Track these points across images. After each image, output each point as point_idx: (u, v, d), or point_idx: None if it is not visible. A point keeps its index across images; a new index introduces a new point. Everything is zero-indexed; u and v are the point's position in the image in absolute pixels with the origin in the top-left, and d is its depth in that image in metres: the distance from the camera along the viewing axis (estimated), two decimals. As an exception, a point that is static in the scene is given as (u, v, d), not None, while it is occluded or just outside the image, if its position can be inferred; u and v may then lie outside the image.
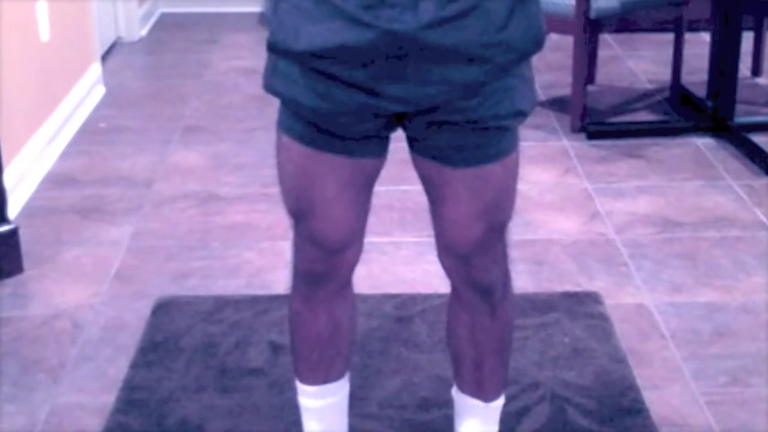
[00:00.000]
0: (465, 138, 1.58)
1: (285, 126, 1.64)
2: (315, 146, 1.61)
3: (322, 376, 1.87)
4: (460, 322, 1.83)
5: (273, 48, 1.56)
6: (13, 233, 2.80)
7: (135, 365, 2.38)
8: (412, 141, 1.65)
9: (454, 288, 1.81)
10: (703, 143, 3.71)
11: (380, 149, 1.66)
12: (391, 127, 1.62)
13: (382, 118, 1.58)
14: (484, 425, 1.91)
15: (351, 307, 1.87)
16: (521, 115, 1.61)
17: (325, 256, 1.72)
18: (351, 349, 1.90)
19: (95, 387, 2.32)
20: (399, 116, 1.60)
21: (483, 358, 1.84)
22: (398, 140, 1.66)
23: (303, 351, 1.86)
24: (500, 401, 1.91)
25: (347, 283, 1.82)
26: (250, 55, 4.75)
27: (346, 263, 1.76)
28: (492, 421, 1.92)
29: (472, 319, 1.80)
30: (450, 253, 1.73)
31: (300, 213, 1.70)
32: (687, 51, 4.11)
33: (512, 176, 1.68)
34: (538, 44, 1.56)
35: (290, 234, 1.76)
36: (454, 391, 1.94)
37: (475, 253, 1.70)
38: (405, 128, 1.63)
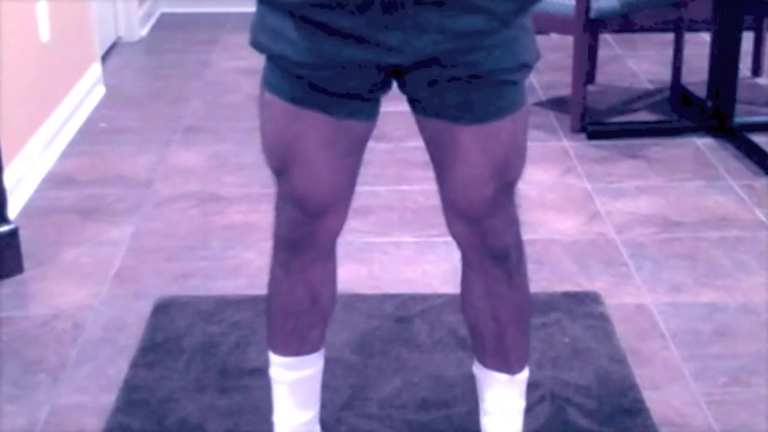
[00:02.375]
0: (472, 93, 1.55)
1: (269, 83, 1.61)
2: (299, 103, 1.58)
3: (295, 347, 1.84)
4: (477, 294, 1.78)
5: None
6: (13, 233, 2.80)
7: (135, 365, 2.38)
8: (415, 102, 1.61)
9: (466, 259, 1.76)
10: (703, 143, 3.71)
11: (368, 112, 1.62)
12: (383, 86, 1.58)
13: (375, 74, 1.55)
14: (513, 399, 1.87)
15: (330, 280, 1.83)
16: (526, 67, 1.58)
17: (304, 219, 1.69)
18: (326, 323, 1.86)
19: (95, 387, 2.32)
20: (396, 73, 1.56)
21: (504, 329, 1.79)
22: (398, 140, 1.66)
23: (277, 320, 1.83)
24: (526, 373, 1.87)
25: (328, 254, 1.78)
26: (250, 55, 4.71)
27: (326, 230, 1.72)
28: (520, 394, 1.87)
29: (489, 288, 1.76)
30: (461, 218, 1.68)
31: (281, 170, 1.66)
32: (687, 51, 4.11)
33: (522, 131, 1.64)
34: None
35: (275, 196, 1.74)
36: (476, 368, 1.88)
37: (487, 215, 1.66)
38: (404, 88, 1.59)
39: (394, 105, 1.78)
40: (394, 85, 1.62)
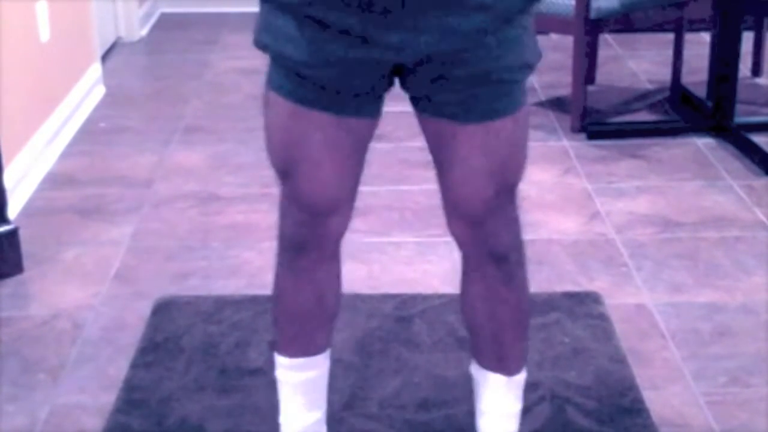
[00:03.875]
0: (473, 92, 1.55)
1: (274, 83, 1.61)
2: (303, 103, 1.58)
3: (301, 348, 1.84)
4: (476, 295, 1.78)
5: None
6: (13, 233, 2.80)
7: (135, 365, 2.38)
8: (417, 100, 1.61)
9: (466, 259, 1.76)
10: (703, 143, 3.71)
11: (372, 110, 1.62)
12: (386, 84, 1.58)
13: (377, 72, 1.55)
14: (509, 401, 1.86)
15: (335, 280, 1.83)
16: (528, 67, 1.58)
17: (310, 220, 1.69)
18: (332, 323, 1.86)
19: (95, 387, 2.32)
20: (398, 71, 1.56)
21: (502, 330, 1.79)
22: (398, 140, 1.66)
23: (283, 321, 1.83)
24: (523, 375, 1.86)
25: (333, 255, 1.78)
26: (250, 55, 4.72)
27: (331, 231, 1.72)
28: (516, 396, 1.87)
29: (488, 289, 1.75)
30: (462, 219, 1.68)
31: (286, 171, 1.66)
32: (687, 51, 4.11)
33: (523, 131, 1.64)
34: None
35: (279, 196, 1.74)
36: (474, 368, 1.88)
37: (488, 215, 1.66)
38: (406, 86, 1.59)
39: (395, 105, 1.78)
40: (396, 84, 1.62)
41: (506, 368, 1.84)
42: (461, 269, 1.81)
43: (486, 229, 1.68)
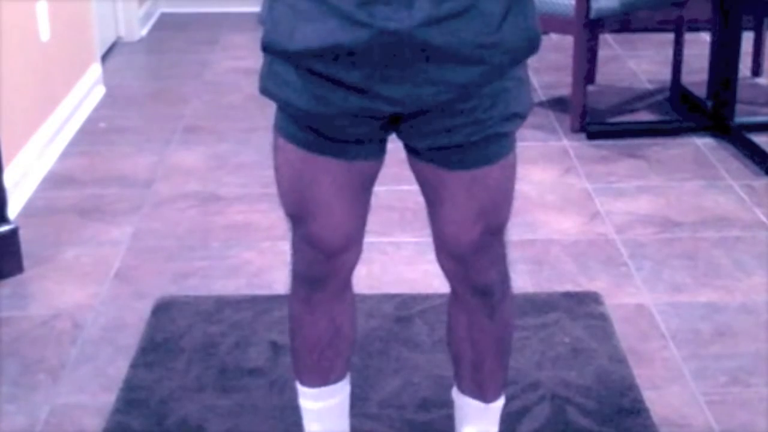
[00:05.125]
0: (463, 142, 1.58)
1: (281, 128, 1.64)
2: (311, 149, 1.61)
3: (322, 378, 1.87)
4: (460, 323, 1.83)
5: (268, 48, 1.56)
6: (13, 233, 2.80)
7: (135, 365, 2.38)
8: (409, 145, 1.65)
9: (453, 289, 1.81)
10: (703, 143, 3.71)
11: (377, 152, 1.66)
12: (387, 129, 1.62)
13: (377, 121, 1.58)
14: (485, 426, 1.91)
15: (351, 309, 1.86)
16: (517, 117, 1.61)
17: (323, 258, 1.72)
18: (351, 350, 1.90)
19: (95, 387, 2.32)
20: (395, 119, 1.59)
21: (482, 358, 1.84)
22: (398, 140, 1.66)
23: (302, 353, 1.86)
24: (500, 402, 1.91)
25: (346, 285, 1.82)
26: (250, 55, 4.74)
27: (344, 266, 1.75)
28: (492, 422, 1.92)
29: (471, 320, 1.80)
30: (448, 255, 1.73)
31: (297, 216, 1.69)
32: (687, 51, 4.11)
33: (509, 178, 1.68)
34: (532, 46, 1.56)
35: (290, 234, 1.76)
36: (455, 393, 1.93)
37: (472, 254, 1.70)
38: (400, 132, 1.62)
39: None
40: None
41: (484, 395, 1.89)
42: (448, 299, 1.86)
43: (471, 266, 1.72)
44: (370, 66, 1.48)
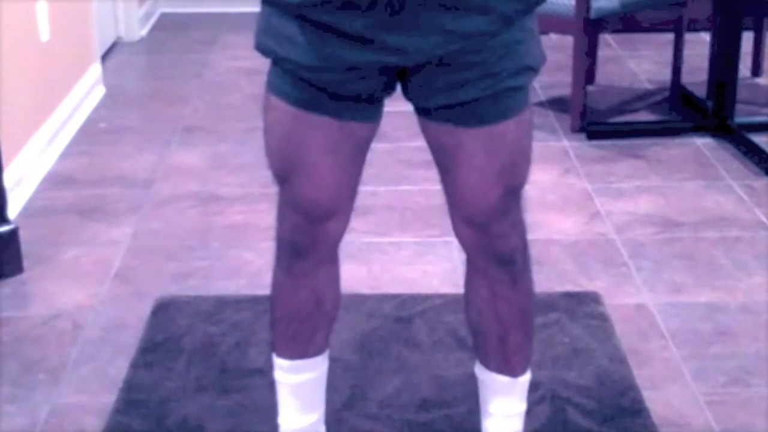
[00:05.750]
0: (476, 96, 1.54)
1: (274, 86, 1.61)
2: (304, 107, 1.58)
3: (299, 350, 1.84)
4: (481, 296, 1.78)
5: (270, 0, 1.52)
6: (13, 233, 2.80)
7: (135, 365, 2.38)
8: (419, 105, 1.61)
9: (471, 261, 1.76)
10: (703, 143, 3.71)
11: (372, 113, 1.62)
12: (388, 88, 1.58)
13: (380, 76, 1.55)
14: (514, 402, 1.87)
15: (334, 283, 1.83)
16: (530, 70, 1.58)
17: (307, 224, 1.69)
18: (330, 326, 1.86)
19: (95, 387, 2.32)
20: (401, 76, 1.56)
21: (507, 332, 1.79)
22: (398, 140, 1.66)
23: (281, 323, 1.83)
24: (527, 376, 1.87)
25: (331, 258, 1.78)
26: (250, 55, 4.70)
27: (329, 235, 1.72)
28: (521, 397, 1.87)
29: (493, 291, 1.75)
30: (467, 223, 1.68)
31: (284, 175, 1.66)
32: (687, 51, 4.11)
33: (527, 134, 1.64)
34: None
35: (277, 199, 1.74)
36: (478, 369, 1.88)
37: (493, 219, 1.66)
38: (408, 92, 1.58)
39: (395, 105, 1.77)
40: (398, 87, 1.62)
41: (512, 370, 1.84)
42: (465, 271, 1.81)
43: (491, 232, 1.68)
44: (374, 14, 1.45)
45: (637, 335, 2.50)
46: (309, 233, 1.70)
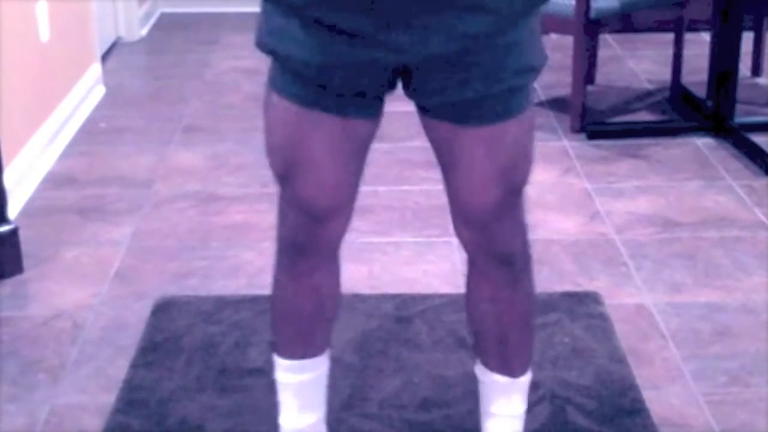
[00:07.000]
0: (478, 96, 1.54)
1: (276, 84, 1.60)
2: (306, 105, 1.57)
3: (300, 350, 1.84)
4: (482, 297, 1.78)
5: None
6: (13, 233, 2.80)
7: (135, 365, 2.38)
8: (421, 103, 1.60)
9: (472, 261, 1.76)
10: (703, 143, 3.71)
11: (374, 111, 1.62)
12: (389, 85, 1.58)
13: (382, 74, 1.54)
14: (514, 402, 1.87)
15: (334, 283, 1.83)
16: (533, 70, 1.57)
17: (309, 223, 1.68)
18: (331, 326, 1.86)
19: (95, 387, 2.32)
20: (403, 75, 1.56)
21: (508, 332, 1.79)
22: (398, 140, 1.66)
23: (282, 323, 1.83)
24: (528, 376, 1.87)
25: (332, 257, 1.78)
26: (250, 55, 4.71)
27: (330, 234, 1.71)
28: (521, 398, 1.88)
29: (494, 292, 1.75)
30: (468, 223, 1.68)
31: (286, 174, 1.65)
32: (687, 51, 4.11)
33: (528, 134, 1.64)
34: None
35: (278, 199, 1.73)
36: (478, 369, 1.88)
37: (494, 219, 1.66)
38: (410, 90, 1.58)
39: (395, 105, 1.78)
40: (398, 86, 1.61)
41: (512, 370, 1.84)
42: (467, 271, 1.81)
43: (493, 233, 1.68)
44: (376, 13, 1.45)
45: (637, 335, 2.50)
46: (310, 233, 1.70)
